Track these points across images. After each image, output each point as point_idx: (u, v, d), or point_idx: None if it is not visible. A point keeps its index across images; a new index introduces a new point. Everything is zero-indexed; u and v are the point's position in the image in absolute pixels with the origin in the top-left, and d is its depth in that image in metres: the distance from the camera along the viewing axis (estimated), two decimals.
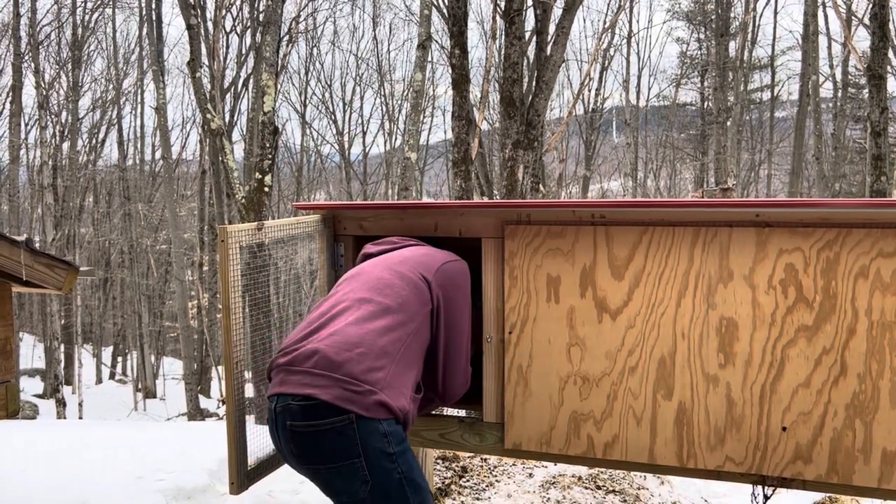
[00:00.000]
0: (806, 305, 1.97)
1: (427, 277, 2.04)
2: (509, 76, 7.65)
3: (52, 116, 19.50)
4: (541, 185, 8.92)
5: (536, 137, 7.86)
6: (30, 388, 18.02)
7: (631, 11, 21.14)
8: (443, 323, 2.06)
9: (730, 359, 2.04)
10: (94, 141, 22.62)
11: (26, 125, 21.03)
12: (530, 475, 3.96)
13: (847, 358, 1.95)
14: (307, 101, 23.73)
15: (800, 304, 1.98)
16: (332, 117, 24.37)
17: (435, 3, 11.45)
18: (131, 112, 23.47)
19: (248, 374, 2.37)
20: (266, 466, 2.26)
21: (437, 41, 16.85)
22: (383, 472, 1.80)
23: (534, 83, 8.43)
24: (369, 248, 2.25)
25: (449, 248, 2.24)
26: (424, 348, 2.03)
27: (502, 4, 8.48)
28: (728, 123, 16.92)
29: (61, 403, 14.00)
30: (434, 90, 23.26)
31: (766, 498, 2.12)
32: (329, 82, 26.10)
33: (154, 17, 16.23)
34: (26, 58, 17.11)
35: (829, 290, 1.95)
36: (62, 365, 17.60)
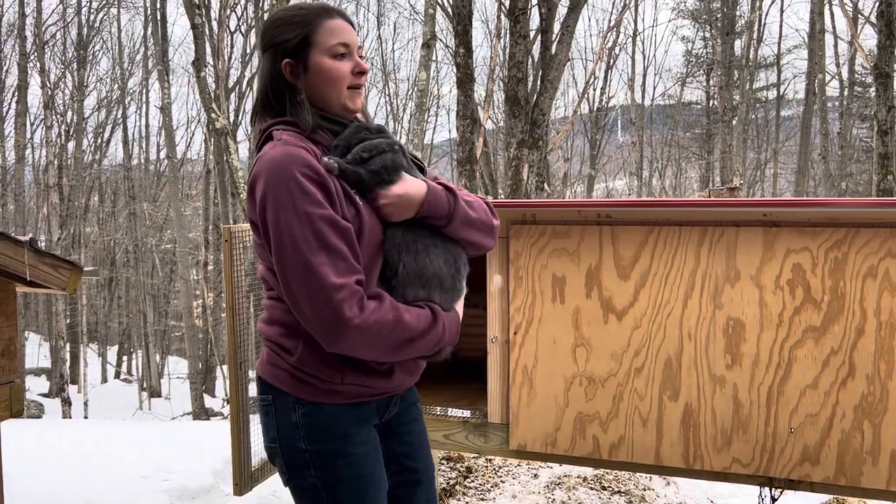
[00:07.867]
0: (814, 306, 1.96)
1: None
2: (514, 75, 7.63)
3: (58, 116, 19.51)
4: (546, 185, 8.89)
5: (541, 136, 7.84)
6: (35, 387, 18.07)
7: (636, 10, 21.09)
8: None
9: (737, 360, 2.03)
10: (99, 140, 22.64)
11: (32, 125, 21.06)
12: (535, 476, 3.95)
13: (855, 359, 1.94)
14: None
15: (807, 305, 1.96)
16: None
17: (439, 2, 11.44)
18: (136, 111, 23.63)
19: (252, 374, 2.37)
20: (270, 467, 2.25)
21: (441, 40, 16.82)
22: (297, 470, 1.51)
23: (538, 82, 8.41)
24: None
25: None
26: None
27: (507, 3, 8.46)
28: (734, 122, 16.87)
29: (67, 403, 14.05)
30: (438, 89, 23.27)
31: (774, 500, 2.10)
32: None
33: (159, 17, 16.30)
34: (32, 57, 17.14)
35: (837, 291, 1.94)
36: (67, 364, 17.63)
